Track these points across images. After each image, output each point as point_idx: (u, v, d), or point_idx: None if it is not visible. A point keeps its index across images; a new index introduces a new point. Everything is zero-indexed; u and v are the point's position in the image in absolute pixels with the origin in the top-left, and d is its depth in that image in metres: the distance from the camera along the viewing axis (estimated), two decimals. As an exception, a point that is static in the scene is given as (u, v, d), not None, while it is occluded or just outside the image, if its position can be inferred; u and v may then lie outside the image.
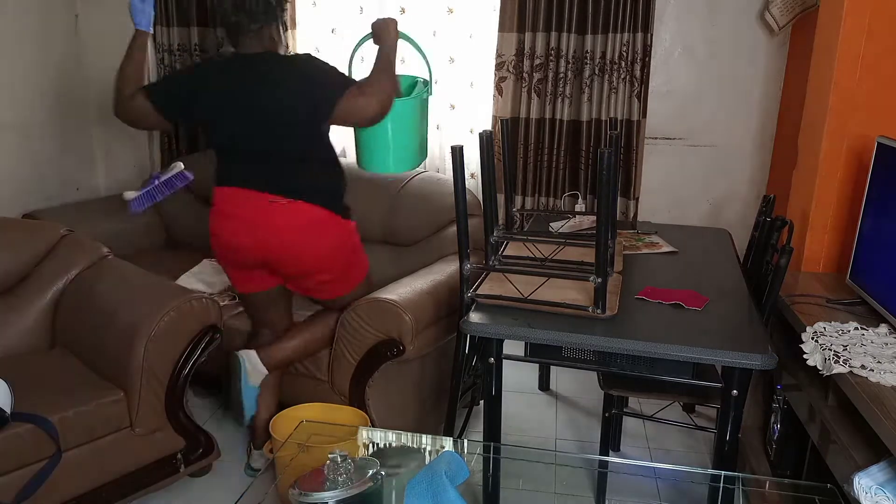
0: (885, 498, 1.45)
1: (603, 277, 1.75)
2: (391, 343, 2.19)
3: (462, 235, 1.96)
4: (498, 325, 1.79)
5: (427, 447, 1.81)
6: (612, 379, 2.16)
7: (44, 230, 2.51)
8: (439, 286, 2.38)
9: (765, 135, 3.22)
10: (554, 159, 3.22)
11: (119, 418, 2.07)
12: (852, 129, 2.23)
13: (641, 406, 2.76)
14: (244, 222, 2.10)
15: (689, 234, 2.68)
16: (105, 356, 2.16)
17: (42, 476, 1.88)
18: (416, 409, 2.44)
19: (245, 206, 2.10)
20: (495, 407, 1.88)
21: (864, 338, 1.80)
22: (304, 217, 2.09)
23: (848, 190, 2.28)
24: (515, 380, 3.01)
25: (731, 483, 1.63)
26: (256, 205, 2.08)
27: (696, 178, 3.30)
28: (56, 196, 3.37)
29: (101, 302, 2.25)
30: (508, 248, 2.25)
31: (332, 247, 2.17)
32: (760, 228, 2.32)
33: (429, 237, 2.84)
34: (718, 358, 1.65)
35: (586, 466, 2.43)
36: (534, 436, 2.66)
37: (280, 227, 2.08)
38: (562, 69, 3.11)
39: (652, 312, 1.87)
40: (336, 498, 1.36)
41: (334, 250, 2.18)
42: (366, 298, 2.26)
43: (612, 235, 2.11)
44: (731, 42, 3.14)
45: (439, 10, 3.26)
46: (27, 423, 1.86)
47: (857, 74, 2.19)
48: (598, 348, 1.75)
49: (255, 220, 2.09)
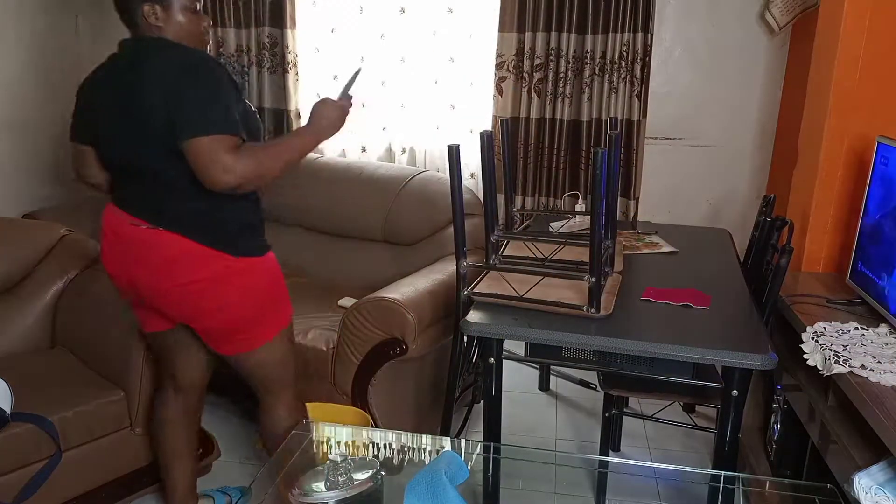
0: (885, 498, 1.45)
1: (597, 277, 1.75)
2: (394, 342, 2.19)
3: (458, 233, 1.96)
4: (498, 324, 1.79)
5: (427, 447, 1.81)
6: (612, 379, 2.15)
7: (44, 230, 2.51)
8: (441, 285, 2.38)
9: (765, 135, 3.22)
10: (554, 159, 3.22)
11: (119, 418, 2.07)
12: (852, 129, 2.23)
13: (641, 406, 2.76)
14: (116, 246, 1.74)
15: (689, 234, 2.68)
16: (105, 356, 2.16)
17: (42, 476, 1.88)
18: (419, 409, 2.44)
19: (114, 228, 1.73)
20: (495, 407, 1.88)
21: (864, 338, 1.80)
22: (167, 249, 1.66)
23: (848, 190, 2.28)
24: (515, 380, 3.01)
25: (731, 483, 1.63)
26: (121, 227, 1.71)
27: (696, 178, 3.30)
28: (56, 196, 3.37)
29: (101, 302, 2.25)
30: (508, 248, 2.25)
31: (205, 288, 1.68)
32: (760, 228, 2.32)
33: (430, 236, 2.84)
34: (718, 358, 1.65)
35: (586, 466, 2.43)
36: (534, 436, 2.66)
37: (140, 257, 1.69)
38: (562, 69, 3.11)
39: (650, 312, 1.87)
40: (336, 498, 1.36)
41: (220, 289, 1.69)
42: (368, 298, 2.26)
43: (612, 235, 2.11)
44: (731, 42, 3.13)
45: (439, 10, 3.26)
46: (27, 423, 1.87)
47: (857, 74, 2.19)
48: (597, 348, 1.75)
49: (120, 244, 1.73)
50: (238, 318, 1.74)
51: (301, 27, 3.41)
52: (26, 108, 3.19)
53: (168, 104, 1.55)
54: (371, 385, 2.27)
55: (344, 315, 2.31)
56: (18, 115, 3.17)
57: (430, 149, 3.43)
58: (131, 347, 2.06)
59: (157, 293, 1.71)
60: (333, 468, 1.38)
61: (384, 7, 3.32)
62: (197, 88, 1.56)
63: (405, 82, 3.38)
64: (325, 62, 3.45)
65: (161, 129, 1.56)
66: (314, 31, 3.43)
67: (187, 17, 1.67)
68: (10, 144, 3.15)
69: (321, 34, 3.43)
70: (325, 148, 3.51)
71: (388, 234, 2.91)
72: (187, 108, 1.54)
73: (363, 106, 3.42)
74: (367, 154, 3.49)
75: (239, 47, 3.46)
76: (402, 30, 3.33)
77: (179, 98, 1.55)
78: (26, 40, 3.18)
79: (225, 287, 1.70)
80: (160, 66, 1.59)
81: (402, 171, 2.98)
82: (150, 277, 1.69)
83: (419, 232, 2.84)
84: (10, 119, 3.13)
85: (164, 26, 1.64)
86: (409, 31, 3.33)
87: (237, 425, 2.61)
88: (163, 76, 1.57)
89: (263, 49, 3.42)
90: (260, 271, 1.76)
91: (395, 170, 3.04)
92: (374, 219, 2.87)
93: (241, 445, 2.51)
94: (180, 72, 1.57)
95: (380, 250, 2.93)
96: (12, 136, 3.15)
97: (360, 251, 2.97)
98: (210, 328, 1.76)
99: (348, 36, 3.38)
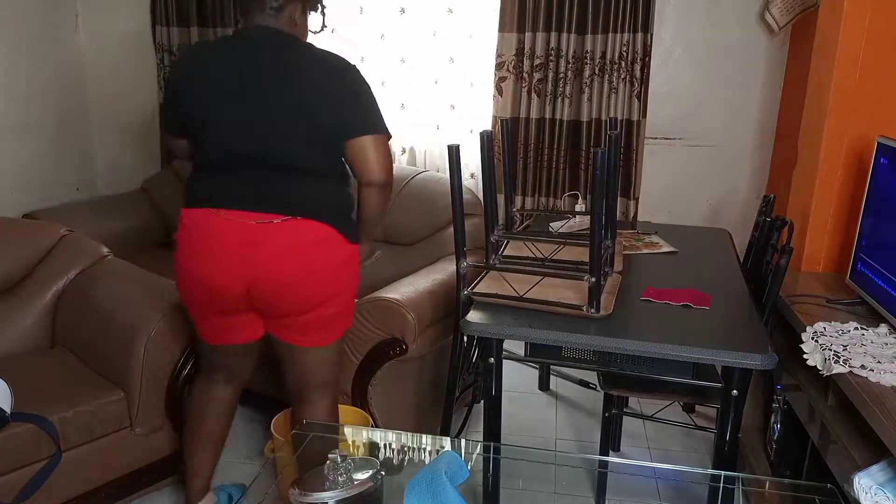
0: (885, 498, 1.45)
1: (597, 277, 1.75)
2: (394, 342, 2.19)
3: (458, 233, 1.97)
4: (498, 324, 1.79)
5: (427, 447, 1.81)
6: (612, 379, 2.16)
7: (44, 230, 2.51)
8: (441, 285, 2.38)
9: (765, 135, 3.22)
10: (554, 159, 3.22)
11: (119, 418, 2.07)
12: (852, 129, 2.23)
13: (641, 406, 2.76)
14: (227, 252, 1.67)
15: (689, 234, 2.68)
16: (105, 356, 2.16)
17: (42, 476, 1.88)
18: (419, 409, 2.44)
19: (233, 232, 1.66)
20: (495, 407, 1.88)
21: (864, 338, 1.80)
22: (305, 236, 1.68)
23: (848, 190, 2.28)
24: (515, 380, 3.01)
25: (731, 483, 1.63)
26: (244, 230, 1.66)
27: (695, 178, 3.30)
28: (56, 196, 3.37)
29: (101, 302, 2.25)
30: (508, 248, 2.25)
31: (339, 273, 1.76)
32: (760, 228, 2.32)
33: (430, 236, 2.84)
34: (718, 358, 1.65)
35: (586, 466, 2.44)
36: (534, 436, 2.66)
37: (274, 251, 1.66)
38: (562, 69, 3.11)
39: (650, 312, 1.87)
40: (336, 498, 1.36)
41: (341, 276, 1.77)
42: (368, 298, 2.26)
43: (612, 235, 2.11)
44: (731, 42, 3.14)
45: (439, 10, 3.26)
46: (27, 423, 1.86)
47: (857, 74, 2.19)
48: (597, 348, 1.75)
49: (243, 247, 1.66)
50: (340, 304, 1.80)
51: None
52: (26, 108, 3.20)
53: (334, 101, 1.66)
54: (371, 385, 2.27)
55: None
56: (18, 116, 3.17)
57: (430, 149, 3.44)
58: (131, 347, 2.06)
59: (283, 284, 1.68)
60: (333, 468, 1.38)
61: (384, 7, 3.32)
62: (363, 90, 1.70)
63: (405, 82, 3.38)
64: (325, 62, 3.45)
65: (315, 122, 1.65)
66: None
67: (307, 20, 1.80)
68: (11, 144, 3.15)
69: (321, 34, 3.42)
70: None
71: (388, 234, 2.91)
72: (359, 107, 1.69)
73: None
74: (367, 154, 3.49)
75: (239, 47, 3.45)
76: (402, 30, 3.33)
77: (353, 97, 1.68)
78: (26, 40, 3.19)
79: (344, 272, 1.78)
80: (315, 63, 1.68)
81: (402, 171, 2.98)
82: (282, 268, 1.67)
83: (419, 232, 2.85)
84: (10, 119, 3.13)
85: (299, 25, 1.74)
86: (409, 31, 3.33)
87: (236, 425, 2.60)
88: (321, 73, 1.66)
89: (263, 49, 3.41)
90: (358, 259, 1.84)
91: (395, 170, 3.03)
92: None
93: (241, 445, 2.51)
94: (343, 72, 1.69)
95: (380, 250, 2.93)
96: (12, 136, 3.16)
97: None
98: (315, 318, 1.76)
99: (348, 36, 3.38)
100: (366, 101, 1.70)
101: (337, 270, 1.75)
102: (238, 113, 1.66)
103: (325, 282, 1.73)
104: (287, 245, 1.67)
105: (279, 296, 1.70)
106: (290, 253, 1.67)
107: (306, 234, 1.68)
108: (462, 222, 1.97)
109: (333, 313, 1.79)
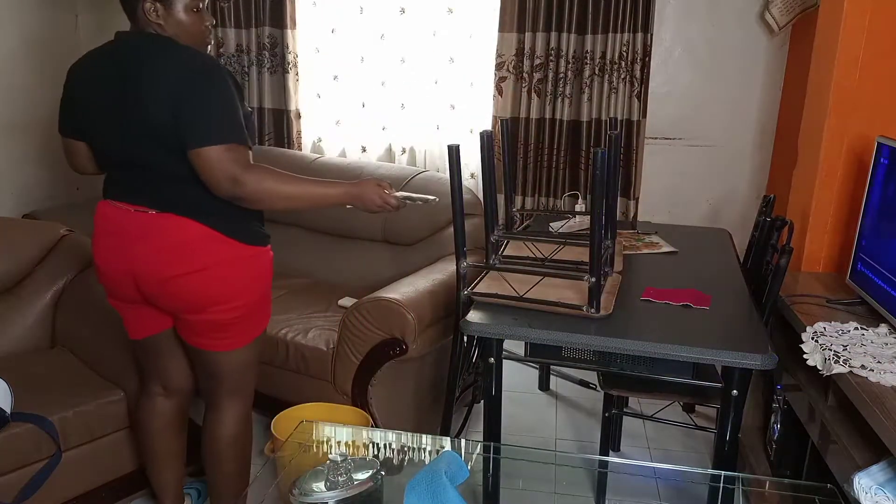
0: (885, 498, 1.45)
1: (597, 277, 1.75)
2: (394, 342, 2.19)
3: (458, 233, 1.97)
4: (498, 324, 1.79)
5: (427, 447, 1.81)
6: (612, 379, 2.15)
7: (44, 230, 2.51)
8: (441, 285, 2.38)
9: (765, 135, 3.22)
10: (554, 159, 3.22)
11: (119, 418, 2.07)
12: (852, 129, 2.23)
13: (641, 406, 2.76)
14: (115, 239, 1.69)
15: (689, 234, 2.68)
16: (105, 356, 2.16)
17: (42, 476, 1.88)
18: (419, 409, 2.44)
19: (115, 220, 1.69)
20: (495, 407, 1.88)
21: (864, 338, 1.80)
22: (177, 233, 1.63)
23: (848, 190, 2.28)
24: (515, 380, 3.01)
25: (731, 483, 1.63)
26: (125, 218, 1.67)
27: (695, 178, 3.30)
28: (56, 196, 3.37)
29: (102, 302, 2.24)
30: (508, 248, 2.25)
31: (231, 274, 1.69)
32: (760, 228, 2.32)
33: (430, 236, 2.84)
34: (718, 358, 1.65)
35: (586, 466, 2.43)
36: (534, 436, 2.66)
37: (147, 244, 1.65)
38: (562, 69, 3.11)
39: (650, 312, 1.87)
40: (336, 498, 1.36)
41: (234, 278, 1.69)
42: (368, 298, 2.26)
43: (612, 235, 2.11)
44: (731, 42, 3.13)
45: (439, 10, 3.26)
46: (27, 423, 1.87)
47: (857, 74, 2.19)
48: (597, 348, 1.75)
49: (123, 236, 1.67)
50: (237, 309, 1.71)
51: (301, 27, 3.41)
52: (26, 108, 3.19)
53: (176, 107, 1.53)
54: (371, 385, 2.27)
55: (344, 315, 2.31)
56: (18, 116, 3.17)
57: (430, 149, 3.44)
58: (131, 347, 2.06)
59: (161, 281, 1.65)
60: (333, 468, 1.38)
61: (384, 7, 3.32)
62: (208, 95, 1.55)
63: (405, 82, 3.38)
64: (326, 62, 3.45)
65: (167, 130, 1.55)
66: (314, 31, 3.43)
67: (189, 16, 1.64)
68: (10, 144, 3.15)
69: (321, 34, 3.43)
70: (326, 148, 3.52)
71: (388, 234, 2.91)
72: (198, 115, 1.54)
73: (363, 106, 3.43)
74: (367, 154, 3.49)
75: (239, 47, 3.46)
76: (402, 30, 3.33)
77: (189, 103, 1.53)
78: (26, 40, 3.19)
79: (232, 275, 1.68)
80: (166, 66, 1.56)
81: (402, 171, 2.98)
82: (157, 264, 1.64)
83: (419, 232, 2.84)
84: (10, 119, 3.13)
85: (164, 24, 1.62)
86: (409, 31, 3.33)
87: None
88: (169, 77, 1.55)
89: (263, 49, 3.42)
90: (264, 262, 1.75)
91: (395, 170, 3.04)
92: (374, 219, 2.86)
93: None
94: (189, 75, 1.55)
95: (380, 250, 2.93)
96: (12, 136, 3.15)
97: (360, 251, 2.97)
98: (204, 320, 1.70)
99: (348, 36, 3.39)
100: (204, 105, 1.55)
101: (228, 271, 1.67)
102: (107, 119, 1.65)
103: (215, 281, 1.66)
104: (169, 242, 1.64)
105: (161, 288, 1.67)
106: (168, 248, 1.64)
107: (184, 232, 1.63)
108: (462, 222, 1.97)
109: (233, 318, 1.71)
